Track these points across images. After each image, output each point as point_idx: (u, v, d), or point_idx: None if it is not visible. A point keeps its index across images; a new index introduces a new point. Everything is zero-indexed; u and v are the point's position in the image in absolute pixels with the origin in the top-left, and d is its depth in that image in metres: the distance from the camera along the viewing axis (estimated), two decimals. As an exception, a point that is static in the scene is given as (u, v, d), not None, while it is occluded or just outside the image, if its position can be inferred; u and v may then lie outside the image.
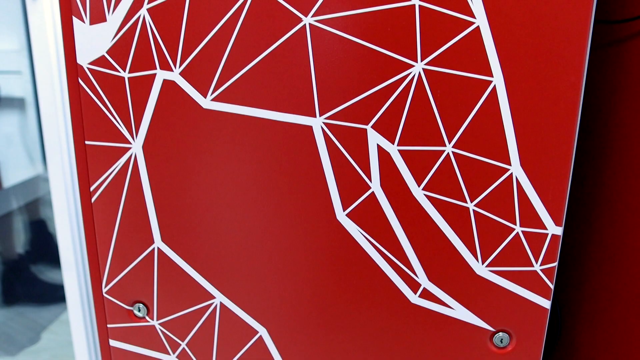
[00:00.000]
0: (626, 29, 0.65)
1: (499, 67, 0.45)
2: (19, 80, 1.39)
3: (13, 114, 1.42)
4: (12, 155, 1.38)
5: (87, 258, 0.54)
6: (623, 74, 0.67)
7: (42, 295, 1.18)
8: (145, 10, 0.48)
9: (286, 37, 0.46)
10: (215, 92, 0.48)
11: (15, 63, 1.38)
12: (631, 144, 0.67)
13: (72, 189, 0.78)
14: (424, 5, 0.44)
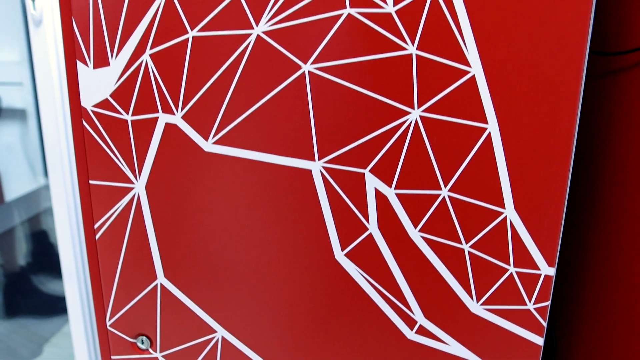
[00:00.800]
0: (622, 61, 0.66)
1: (493, 115, 0.46)
2: (20, 91, 1.39)
3: (14, 125, 1.42)
4: (14, 166, 1.39)
5: (91, 290, 0.55)
6: (617, 105, 0.68)
7: (44, 307, 1.19)
8: (148, 55, 0.49)
9: (286, 83, 0.47)
10: (216, 135, 0.50)
11: (17, 74, 1.39)
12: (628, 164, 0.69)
13: (76, 225, 0.79)
14: (421, 55, 0.46)
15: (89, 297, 0.88)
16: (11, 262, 1.28)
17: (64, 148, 0.75)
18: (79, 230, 0.81)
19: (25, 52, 1.37)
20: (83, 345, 0.97)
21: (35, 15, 0.75)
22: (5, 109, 1.41)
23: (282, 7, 0.46)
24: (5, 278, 1.23)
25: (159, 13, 0.48)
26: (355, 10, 0.45)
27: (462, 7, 0.44)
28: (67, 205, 0.76)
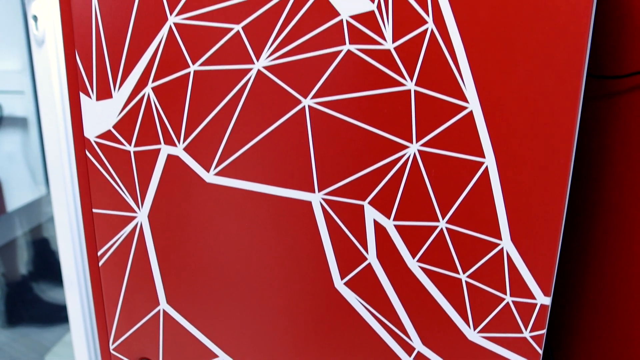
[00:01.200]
0: (619, 84, 0.67)
1: (490, 149, 0.47)
2: (21, 100, 1.40)
3: (15, 133, 1.43)
4: (15, 174, 1.39)
5: (94, 314, 0.56)
6: (613, 127, 0.69)
7: (45, 316, 1.20)
8: (150, 88, 0.50)
9: (286, 117, 0.48)
10: (218, 167, 0.50)
11: (18, 83, 1.39)
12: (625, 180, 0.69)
13: (80, 252, 0.80)
14: (419, 90, 0.46)
15: (92, 321, 0.89)
16: (13, 271, 1.28)
17: (68, 177, 0.76)
18: (83, 256, 0.82)
19: (27, 61, 1.38)
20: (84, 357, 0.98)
21: (38, 36, 0.76)
22: (6, 117, 1.42)
23: (283, 43, 0.47)
24: (7, 287, 1.24)
25: (161, 47, 0.49)
26: (355, 46, 0.46)
27: (460, 44, 0.45)
28: (71, 232, 0.77)
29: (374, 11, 0.45)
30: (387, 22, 0.45)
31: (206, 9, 0.47)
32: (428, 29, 0.45)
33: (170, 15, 0.48)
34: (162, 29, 0.48)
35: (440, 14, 0.45)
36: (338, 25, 0.46)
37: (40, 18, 0.75)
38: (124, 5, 0.48)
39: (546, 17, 0.43)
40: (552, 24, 0.43)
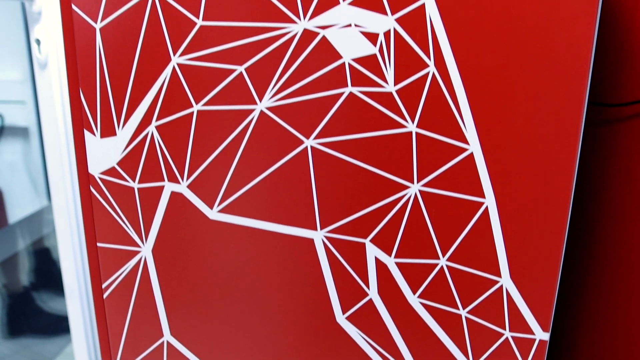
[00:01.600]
0: (618, 112, 0.68)
1: (490, 189, 0.47)
2: (23, 110, 1.40)
3: (16, 143, 1.43)
4: (17, 184, 1.40)
5: (99, 344, 0.57)
6: (613, 155, 0.69)
7: (46, 327, 1.21)
8: (154, 127, 0.50)
9: (289, 157, 0.49)
10: (221, 204, 0.51)
11: (19, 93, 1.40)
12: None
13: (84, 284, 0.80)
14: (420, 132, 0.47)
15: (96, 350, 0.89)
16: (14, 283, 1.29)
17: (72, 211, 0.77)
18: (87, 288, 0.82)
19: (28, 72, 1.38)
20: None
21: (41, 59, 0.76)
22: (7, 127, 1.42)
23: (285, 84, 0.47)
24: (8, 298, 1.25)
25: (165, 86, 0.49)
26: (357, 89, 0.47)
27: (461, 87, 0.45)
28: (75, 264, 0.77)
29: (376, 54, 0.46)
30: (389, 65, 0.46)
31: (209, 50, 0.48)
32: (429, 72, 0.45)
33: (174, 56, 0.48)
34: (165, 68, 0.48)
35: (441, 57, 0.45)
36: (340, 68, 0.46)
37: (43, 41, 0.75)
38: (127, 45, 0.49)
39: (546, 60, 0.44)
40: (552, 69, 0.44)
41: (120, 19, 0.48)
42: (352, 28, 0.45)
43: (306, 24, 0.46)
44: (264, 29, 0.46)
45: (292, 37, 0.46)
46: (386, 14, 0.45)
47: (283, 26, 0.46)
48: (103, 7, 0.48)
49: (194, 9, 0.47)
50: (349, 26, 0.45)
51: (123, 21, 0.48)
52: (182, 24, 0.47)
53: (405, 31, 0.45)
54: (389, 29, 0.45)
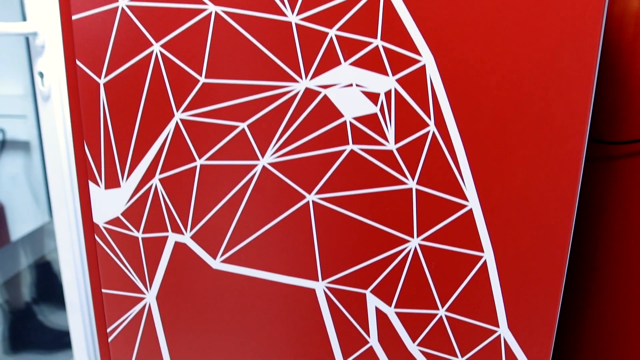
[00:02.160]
0: (618, 149, 0.68)
1: (489, 244, 0.48)
2: (24, 124, 1.41)
3: (18, 157, 1.44)
4: (18, 198, 1.40)
5: None
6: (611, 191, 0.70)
7: (48, 343, 1.22)
8: (157, 180, 0.51)
9: (291, 211, 0.49)
10: (224, 255, 0.52)
11: (20, 107, 1.40)
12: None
13: (90, 328, 0.81)
14: (420, 189, 0.47)
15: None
16: (17, 298, 1.30)
17: (78, 257, 0.77)
18: (93, 332, 0.83)
19: (29, 86, 1.38)
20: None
21: (44, 92, 0.76)
22: (9, 141, 1.42)
23: (287, 141, 0.48)
24: (10, 314, 1.26)
25: (168, 141, 0.50)
26: (358, 146, 0.47)
27: (461, 146, 0.46)
28: (81, 309, 0.78)
29: (377, 113, 0.46)
30: (390, 123, 0.46)
31: (212, 107, 0.48)
32: (430, 131, 0.46)
33: (177, 111, 0.49)
34: (169, 123, 0.49)
35: (441, 117, 0.46)
36: (342, 126, 0.47)
37: (46, 74, 0.75)
38: (131, 100, 0.49)
39: (545, 122, 0.44)
40: (549, 130, 0.44)
41: (124, 74, 0.49)
42: (353, 87, 0.46)
43: (308, 83, 0.46)
44: (266, 87, 0.47)
45: (294, 96, 0.47)
46: (387, 74, 0.45)
47: (285, 85, 0.47)
48: (107, 63, 0.49)
49: (196, 66, 0.47)
50: (350, 86, 0.46)
51: (127, 77, 0.49)
52: (185, 80, 0.48)
53: (406, 91, 0.45)
54: (389, 89, 0.45)
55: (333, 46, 0.45)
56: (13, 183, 1.42)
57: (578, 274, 0.74)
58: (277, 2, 0.45)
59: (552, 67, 0.43)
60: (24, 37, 0.75)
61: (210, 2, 0.46)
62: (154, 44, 0.48)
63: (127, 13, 0.47)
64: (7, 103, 1.40)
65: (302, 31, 0.45)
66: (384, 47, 0.45)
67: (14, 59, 1.36)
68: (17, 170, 1.44)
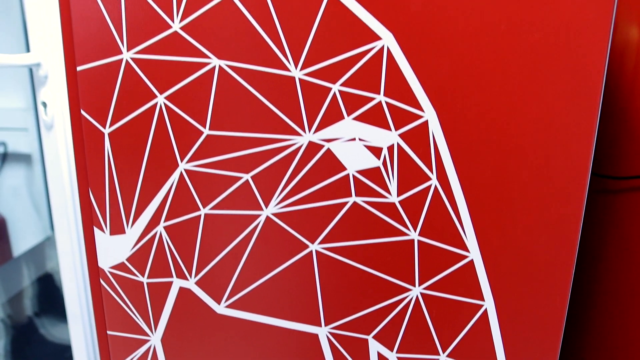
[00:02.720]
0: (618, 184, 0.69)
1: (490, 293, 0.49)
2: (26, 137, 1.41)
3: (19, 169, 1.44)
4: (20, 211, 1.41)
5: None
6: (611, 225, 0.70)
7: (50, 357, 1.23)
8: (162, 227, 0.51)
9: (294, 259, 0.50)
10: (228, 300, 0.52)
11: (22, 120, 1.40)
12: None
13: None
14: (422, 240, 0.48)
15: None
16: (19, 313, 1.31)
17: (83, 300, 0.78)
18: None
19: (31, 100, 1.38)
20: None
21: (47, 121, 0.77)
22: (11, 153, 1.43)
23: (291, 193, 0.48)
24: (12, 329, 1.26)
25: (172, 190, 0.50)
26: (361, 199, 0.48)
27: (462, 199, 0.46)
28: (87, 350, 0.79)
29: (380, 167, 0.46)
30: (392, 177, 0.47)
31: (216, 158, 0.48)
32: (432, 184, 0.46)
33: (181, 162, 0.49)
34: (173, 173, 0.49)
35: (443, 171, 0.46)
36: (345, 179, 0.47)
37: (50, 104, 0.75)
38: (136, 150, 0.49)
39: (544, 176, 0.45)
40: (550, 183, 0.45)
41: (128, 125, 0.49)
42: (356, 142, 0.46)
43: (311, 137, 0.47)
44: (270, 140, 0.47)
45: (297, 149, 0.47)
46: (390, 129, 0.45)
47: (289, 138, 0.47)
48: (111, 113, 0.49)
49: (201, 118, 0.48)
50: (354, 140, 0.46)
51: (131, 127, 0.49)
52: (189, 132, 0.48)
53: (409, 145, 0.46)
54: (392, 143, 0.46)
55: (336, 101, 0.45)
56: (14, 195, 1.42)
57: (578, 321, 0.74)
58: (280, 57, 0.45)
59: (553, 120, 0.43)
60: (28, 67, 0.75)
61: (214, 56, 0.46)
62: (158, 96, 0.48)
63: (131, 65, 0.47)
64: (9, 116, 1.40)
65: (305, 86, 0.45)
66: (387, 103, 0.45)
67: (16, 73, 1.36)
68: (19, 183, 1.44)
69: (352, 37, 0.44)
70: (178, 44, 0.46)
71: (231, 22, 0.45)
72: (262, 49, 0.45)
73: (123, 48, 0.47)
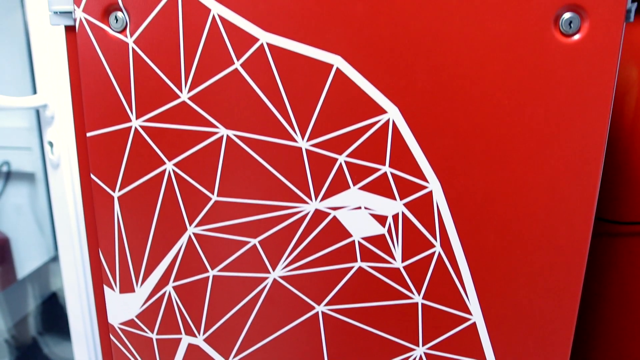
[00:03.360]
0: (617, 228, 0.69)
1: (492, 353, 0.50)
2: (29, 156, 1.41)
3: (23, 187, 1.45)
4: (23, 230, 1.42)
5: None
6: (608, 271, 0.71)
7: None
8: (171, 287, 0.52)
9: (301, 320, 0.51)
10: (236, 357, 0.53)
11: (25, 140, 1.41)
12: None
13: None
14: (426, 303, 0.49)
15: None
16: (24, 333, 1.32)
17: (92, 353, 0.79)
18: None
19: (34, 119, 1.39)
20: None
21: (53, 160, 0.77)
22: (14, 172, 1.43)
23: (297, 257, 0.49)
24: (17, 350, 1.27)
25: (181, 252, 0.51)
26: (366, 264, 0.48)
27: (465, 265, 0.47)
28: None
29: (385, 234, 0.47)
30: (397, 244, 0.47)
31: (224, 223, 0.49)
32: (435, 251, 0.47)
33: (190, 226, 0.50)
34: (182, 237, 0.50)
35: (447, 239, 0.47)
36: (350, 245, 0.48)
37: (56, 144, 0.76)
38: (145, 214, 0.50)
39: (545, 244, 0.46)
40: (550, 250, 0.46)
41: (137, 189, 0.50)
42: (362, 210, 0.47)
43: (318, 205, 0.47)
44: (277, 207, 0.48)
45: (304, 216, 0.48)
46: (395, 198, 0.46)
47: (295, 205, 0.48)
48: (121, 178, 0.50)
49: (209, 185, 0.48)
50: (359, 208, 0.47)
51: (140, 192, 0.50)
52: (197, 197, 0.49)
53: (413, 215, 0.46)
54: (397, 212, 0.47)
55: (342, 171, 0.46)
56: (18, 214, 1.43)
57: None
58: (287, 128, 0.46)
59: (554, 194, 0.44)
60: (34, 108, 0.75)
61: (221, 126, 0.47)
62: (167, 162, 0.48)
63: (140, 132, 0.48)
64: (13, 135, 1.40)
65: (312, 156, 0.46)
66: (392, 174, 0.46)
67: (19, 92, 1.36)
68: (22, 201, 1.45)
69: (358, 110, 0.45)
70: (186, 113, 0.47)
71: (239, 93, 0.46)
72: (269, 120, 0.46)
73: (132, 116, 0.48)
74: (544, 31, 0.42)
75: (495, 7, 0.41)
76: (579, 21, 0.41)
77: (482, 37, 0.42)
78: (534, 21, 0.42)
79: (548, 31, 0.42)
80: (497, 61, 0.42)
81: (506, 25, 0.42)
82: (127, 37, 0.46)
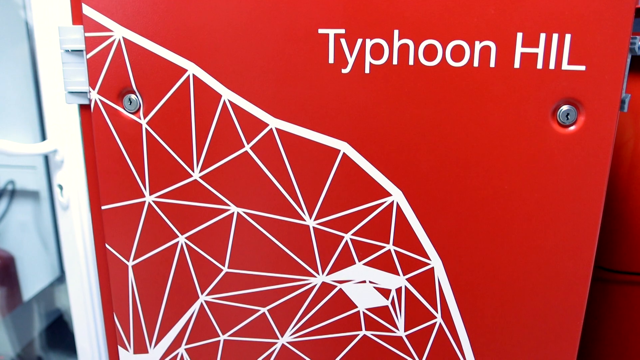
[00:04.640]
0: (613, 276, 0.72)
1: (489, 414, 0.52)
2: (34, 174, 1.43)
3: (27, 205, 1.46)
4: (28, 248, 1.43)
5: None
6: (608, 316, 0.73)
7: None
8: (184, 349, 0.54)
9: (307, 381, 0.53)
10: (245, 414, 0.56)
11: (30, 158, 1.42)
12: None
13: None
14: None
15: None
16: (29, 353, 1.34)
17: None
18: None
19: (39, 137, 1.40)
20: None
21: (63, 202, 0.79)
22: (19, 190, 1.45)
23: (304, 325, 0.51)
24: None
25: (193, 318, 0.53)
26: (370, 332, 0.51)
27: (465, 335, 0.49)
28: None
29: (388, 306, 0.49)
30: (400, 314, 0.50)
31: (234, 293, 0.51)
32: (437, 322, 0.49)
33: (201, 294, 0.52)
34: (194, 304, 0.52)
35: (448, 311, 0.49)
36: (355, 315, 0.50)
37: (65, 187, 0.78)
38: (158, 282, 0.52)
39: (542, 315, 0.48)
40: (547, 322, 0.48)
41: (151, 260, 0.51)
42: (366, 284, 0.49)
43: (324, 278, 0.49)
44: (286, 280, 0.50)
45: (311, 288, 0.50)
46: (398, 274, 0.48)
47: (303, 278, 0.50)
48: (135, 249, 0.51)
49: (220, 257, 0.50)
50: (364, 282, 0.49)
51: (154, 262, 0.51)
52: (209, 269, 0.51)
53: (416, 289, 0.49)
54: (400, 286, 0.49)
55: (348, 248, 0.48)
56: (23, 231, 1.45)
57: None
58: (295, 207, 0.48)
59: (548, 271, 0.46)
60: (43, 156, 0.77)
61: (232, 204, 0.49)
62: (180, 236, 0.50)
63: (153, 207, 0.50)
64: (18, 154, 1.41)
65: (319, 234, 0.48)
66: (395, 251, 0.48)
67: (24, 110, 1.37)
68: (27, 219, 1.46)
69: (363, 192, 0.46)
70: (198, 191, 0.49)
71: (249, 174, 0.48)
72: (278, 199, 0.48)
73: (145, 192, 0.50)
74: (543, 122, 0.43)
75: (497, 99, 0.43)
76: (576, 113, 0.43)
77: (484, 125, 0.44)
78: (533, 112, 0.43)
79: (546, 122, 0.43)
80: (497, 149, 0.44)
81: (507, 116, 0.43)
82: (141, 118, 0.48)
